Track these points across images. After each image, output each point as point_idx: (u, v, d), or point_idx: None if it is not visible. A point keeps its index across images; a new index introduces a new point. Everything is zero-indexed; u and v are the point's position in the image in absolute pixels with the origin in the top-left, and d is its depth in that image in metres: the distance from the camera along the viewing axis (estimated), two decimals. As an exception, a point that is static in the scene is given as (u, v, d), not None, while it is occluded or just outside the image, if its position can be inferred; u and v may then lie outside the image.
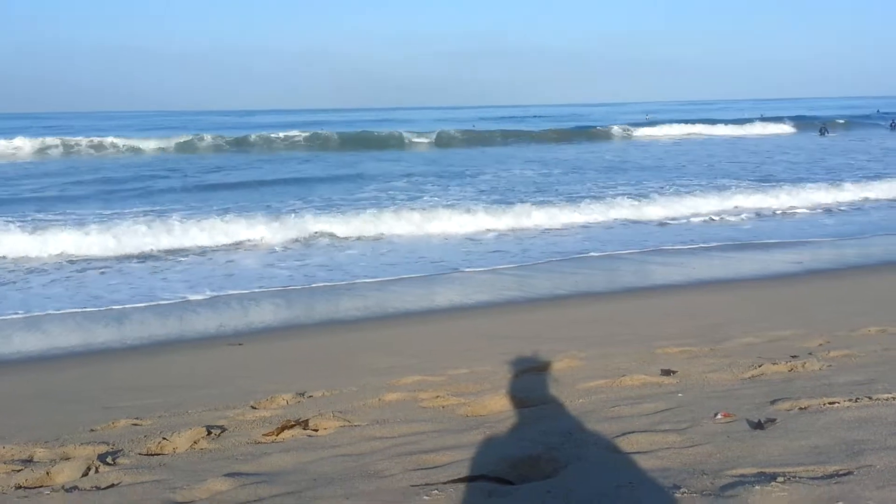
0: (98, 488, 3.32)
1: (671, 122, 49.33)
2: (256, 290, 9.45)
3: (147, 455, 3.81)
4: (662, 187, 18.83)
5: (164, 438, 3.98)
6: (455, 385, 4.95)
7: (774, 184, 19.08)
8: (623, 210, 15.41)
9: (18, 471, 3.62)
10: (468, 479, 3.00)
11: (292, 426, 4.12)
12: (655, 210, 15.44)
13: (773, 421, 3.39)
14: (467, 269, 10.61)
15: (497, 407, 4.35)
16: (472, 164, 27.30)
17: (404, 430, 3.97)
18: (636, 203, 15.86)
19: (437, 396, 4.66)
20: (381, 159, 30.67)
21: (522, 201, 16.27)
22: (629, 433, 3.44)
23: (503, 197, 17.78)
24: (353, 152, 33.96)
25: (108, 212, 15.56)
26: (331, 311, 8.53)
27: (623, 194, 17.32)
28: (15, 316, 8.31)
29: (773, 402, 3.76)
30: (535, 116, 72.72)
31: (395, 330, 7.51)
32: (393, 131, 41.59)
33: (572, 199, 16.71)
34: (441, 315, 8.23)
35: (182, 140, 36.91)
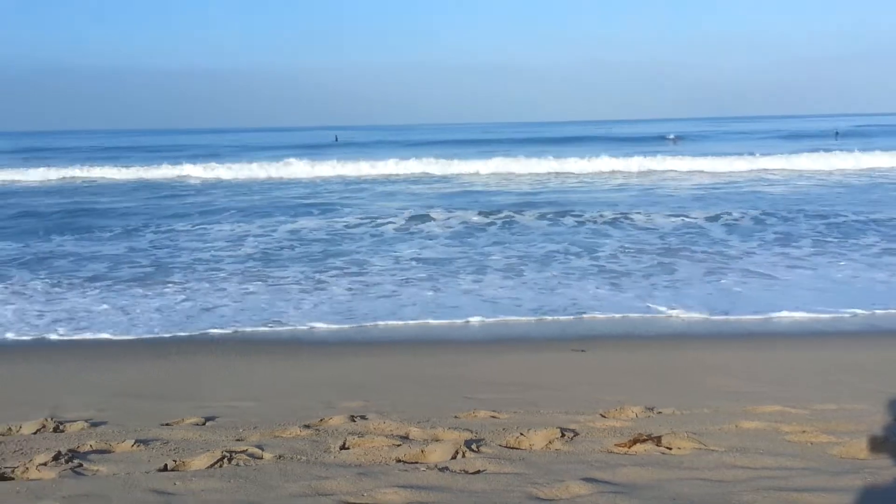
0: (466, 472, 3.58)
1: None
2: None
3: (506, 448, 4.02)
4: None
5: (521, 434, 4.17)
6: (823, 421, 4.50)
7: None
8: None
9: (398, 446, 4.04)
10: (854, 530, 2.70)
11: (644, 440, 4.06)
12: None
13: None
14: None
15: (878, 451, 3.87)
16: None
17: (768, 462, 3.70)
18: None
19: (803, 431, 4.28)
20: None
21: None
22: None
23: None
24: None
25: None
26: (671, 325, 8.30)
27: None
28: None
29: None
30: None
31: (748, 352, 7.06)
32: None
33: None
34: (798, 340, 7.57)
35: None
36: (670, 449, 3.98)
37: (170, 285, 10.35)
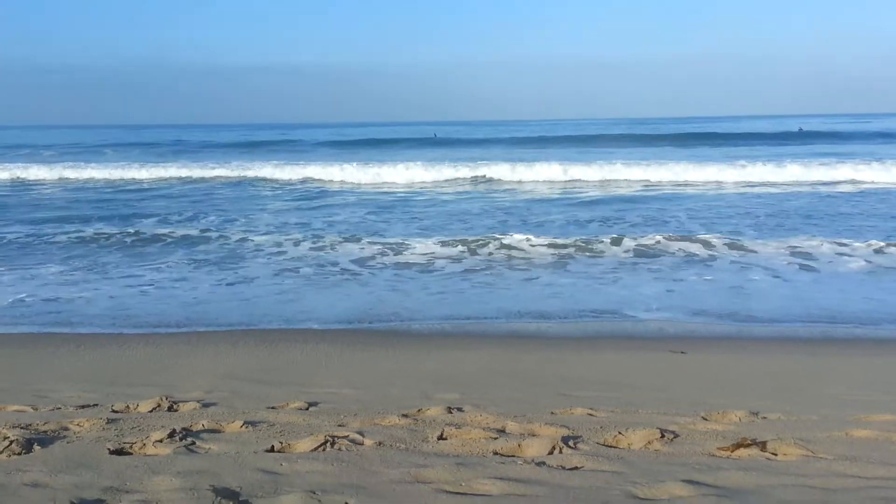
0: (563, 468, 3.57)
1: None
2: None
3: (604, 446, 3.99)
4: None
5: (619, 433, 4.13)
6: (940, 432, 4.27)
7: None
8: None
9: (494, 439, 4.07)
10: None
11: (748, 445, 3.96)
12: None
13: None
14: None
15: None
16: None
17: (880, 472, 3.55)
18: None
19: (919, 442, 4.07)
20: None
21: None
22: None
23: None
24: None
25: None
26: (774, 329, 8.01)
27: None
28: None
29: None
30: None
31: (856, 359, 6.76)
32: None
33: None
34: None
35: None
36: (776, 455, 3.86)
37: (276, 278, 10.73)
